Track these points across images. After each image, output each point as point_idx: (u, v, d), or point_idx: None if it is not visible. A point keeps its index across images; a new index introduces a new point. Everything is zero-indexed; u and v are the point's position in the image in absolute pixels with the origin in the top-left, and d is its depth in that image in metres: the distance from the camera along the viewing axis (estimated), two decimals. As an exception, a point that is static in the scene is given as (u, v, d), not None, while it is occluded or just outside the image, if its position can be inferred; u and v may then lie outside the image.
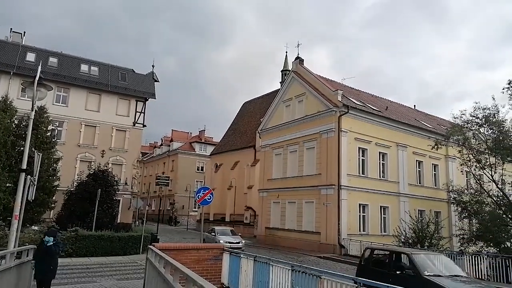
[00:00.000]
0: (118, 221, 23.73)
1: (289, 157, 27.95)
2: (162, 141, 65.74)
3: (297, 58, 29.79)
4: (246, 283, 8.55)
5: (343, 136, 23.73)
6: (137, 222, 28.78)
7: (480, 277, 15.08)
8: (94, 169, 21.11)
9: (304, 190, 25.40)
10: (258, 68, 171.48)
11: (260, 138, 32.66)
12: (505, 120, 20.26)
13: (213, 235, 20.97)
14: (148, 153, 68.56)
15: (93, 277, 11.97)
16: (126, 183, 27.32)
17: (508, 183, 21.88)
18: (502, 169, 20.48)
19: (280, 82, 42.57)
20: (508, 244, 19.05)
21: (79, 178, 21.21)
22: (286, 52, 45.64)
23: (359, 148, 24.84)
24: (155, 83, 30.67)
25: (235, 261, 9.16)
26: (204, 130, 61.03)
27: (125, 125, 28.42)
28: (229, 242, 18.16)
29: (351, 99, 26.50)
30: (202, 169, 55.00)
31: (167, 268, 5.30)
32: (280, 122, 29.53)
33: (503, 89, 19.70)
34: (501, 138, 19.99)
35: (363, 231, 23.76)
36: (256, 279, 8.15)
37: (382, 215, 25.23)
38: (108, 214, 19.71)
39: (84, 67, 28.44)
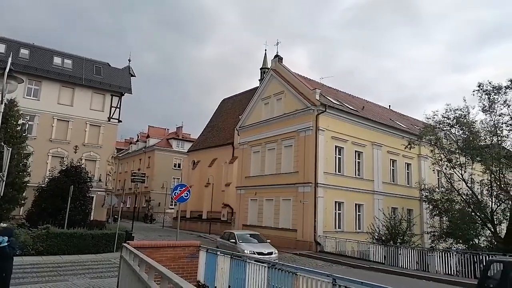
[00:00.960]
0: (92, 218, 23.27)
1: (267, 155, 28.05)
2: (138, 137, 64.58)
3: (276, 56, 29.90)
4: (223, 280, 8.54)
5: (321, 134, 24.02)
6: (109, 219, 28.18)
7: (449, 273, 15.64)
8: (66, 165, 20.59)
9: (281, 187, 25.58)
10: (237, 65, 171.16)
11: (238, 135, 32.63)
12: (475, 121, 21.05)
13: (232, 242, 16.44)
14: (123, 149, 67.23)
15: (64, 276, 11.64)
16: (100, 180, 26.69)
17: (477, 182, 22.74)
18: (471, 169, 21.26)
19: (259, 80, 42.66)
20: (477, 241, 19.83)
21: (50, 174, 20.66)
22: (266, 50, 45.76)
23: (335, 146, 25.21)
24: (131, 77, 30.08)
25: (211, 259, 9.13)
26: (182, 127, 60.40)
27: (99, 120, 27.73)
28: (259, 253, 14.36)
29: (329, 98, 26.83)
30: (179, 166, 54.42)
31: (142, 266, 5.21)
32: (258, 119, 29.58)
33: (474, 91, 20.45)
34: (471, 138, 20.72)
35: (338, 228, 24.16)
36: (233, 276, 8.15)
37: (357, 213, 25.73)
38: (81, 211, 19.27)
39: (57, 60, 27.52)
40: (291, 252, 21.13)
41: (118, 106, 28.65)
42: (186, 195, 13.35)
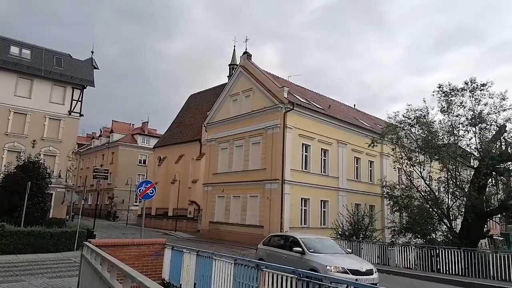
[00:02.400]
0: (51, 216, 22.38)
1: (235, 152, 28.02)
2: (101, 132, 62.43)
3: (245, 53, 29.85)
4: (188, 278, 8.45)
5: (288, 132, 24.29)
6: (67, 216, 27.05)
7: (408, 266, 16.34)
8: (23, 160, 19.60)
9: (249, 184, 25.65)
10: (206, 61, 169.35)
11: (206, 131, 32.34)
12: (433, 121, 21.97)
13: (296, 252, 10.59)
14: (85, 144, 64.82)
15: (21, 276, 11.07)
16: (59, 176, 25.58)
17: (435, 180, 23.76)
18: (430, 167, 22.19)
19: (228, 76, 42.39)
20: (434, 235, 20.79)
21: (6, 170, 19.65)
22: (235, 46, 45.48)
23: (302, 144, 25.59)
24: (94, 70, 28.95)
25: (177, 257, 9.00)
26: (148, 122, 58.95)
27: (59, 113, 26.51)
28: (354, 272, 9.35)
29: (297, 96, 27.16)
30: (144, 162, 53.21)
31: (104, 265, 5.05)
32: (226, 116, 29.46)
33: (434, 92, 21.34)
34: (429, 138, 21.61)
35: (304, 224, 24.60)
36: (199, 273, 8.09)
37: (322, 209, 26.30)
38: (39, 208, 18.48)
39: (14, 50, 25.96)
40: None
41: (80, 99, 27.51)
42: (151, 192, 13.10)
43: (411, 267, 16.22)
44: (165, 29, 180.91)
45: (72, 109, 27.01)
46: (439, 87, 20.99)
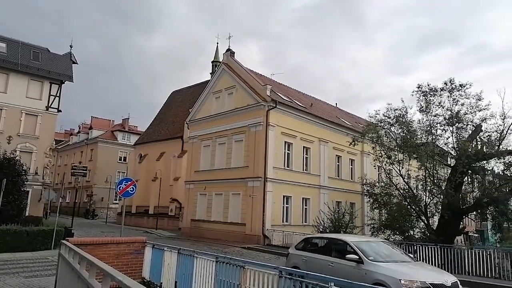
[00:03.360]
0: (27, 214, 21.74)
1: (218, 149, 27.90)
2: (80, 128, 61.02)
3: (228, 50, 29.71)
4: (169, 276, 8.38)
5: (271, 130, 24.35)
6: (42, 213, 26.32)
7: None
8: (-2, 157, 18.96)
9: (231, 182, 25.60)
10: (188, 58, 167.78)
11: (188, 129, 32.07)
12: (412, 120, 22.38)
13: (352, 260, 8.37)
14: (63, 140, 63.27)
15: (-5, 276, 10.75)
16: (36, 173, 24.87)
17: (413, 178, 24.26)
18: (408, 165, 22.63)
19: (211, 73, 42.11)
20: (412, 232, 21.23)
21: (-21, 167, 18.88)
22: (217, 43, 45.11)
23: (285, 142, 25.71)
24: (73, 65, 28.22)
25: (158, 255, 8.91)
26: (128, 119, 58.00)
27: (36, 109, 25.73)
28: (436, 286, 7.35)
29: (279, 94, 27.24)
30: (124, 160, 52.37)
31: (82, 264, 4.94)
32: (209, 113, 29.28)
33: (413, 91, 21.74)
34: (408, 137, 22.01)
35: (286, 221, 24.74)
36: (180, 271, 8.03)
37: (304, 206, 26.51)
38: (14, 206, 17.96)
39: (-12, 42, 25.07)
40: (239, 246, 21.28)
41: (58, 94, 26.76)
42: (131, 189, 12.87)
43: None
44: (146, 24, 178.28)
45: (49, 105, 26.26)
46: (418, 87, 21.39)
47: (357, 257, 8.32)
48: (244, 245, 21.39)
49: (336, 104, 42.07)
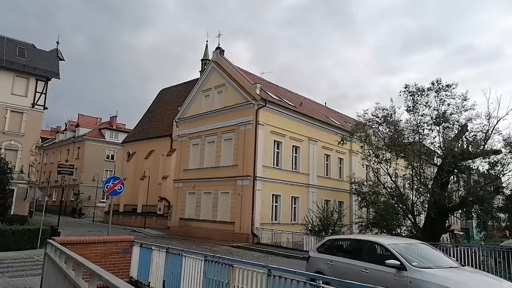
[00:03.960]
0: (12, 212, 21.44)
1: (207, 148, 27.80)
2: (66, 126, 60.11)
3: (218, 48, 29.59)
4: (157, 275, 8.33)
5: (260, 129, 24.35)
6: (28, 212, 25.87)
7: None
8: (-18, 155, 18.62)
9: (220, 181, 25.54)
10: (177, 55, 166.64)
11: (177, 127, 31.87)
12: (400, 120, 22.67)
13: (392, 266, 7.04)
14: (49, 138, 62.27)
15: (-22, 276, 10.55)
16: (22, 171, 24.44)
17: (400, 177, 24.59)
18: (396, 164, 22.89)
19: (200, 71, 41.88)
20: (399, 230, 21.51)
21: (-38, 165, 18.54)
22: (207, 41, 44.90)
23: (274, 141, 25.75)
24: (60, 61, 27.78)
25: (146, 254, 8.86)
26: (116, 116, 57.36)
27: (22, 106, 25.26)
28: None
29: (269, 93, 27.26)
30: (112, 158, 51.77)
31: (69, 263, 4.88)
32: (198, 112, 29.15)
33: (400, 91, 22.00)
34: (396, 136, 22.28)
35: (275, 220, 24.80)
36: (168, 270, 7.99)
37: (293, 205, 26.61)
38: (-1, 205, 17.68)
39: (-29, 37, 24.52)
40: (228, 244, 21.26)
41: (44, 91, 26.31)
42: (119, 188, 12.74)
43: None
44: (135, 20, 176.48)
45: (35, 102, 25.81)
46: (406, 87, 21.66)
47: (398, 262, 6.99)
48: (233, 244, 21.38)
49: (325, 103, 42.32)
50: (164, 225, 31.83)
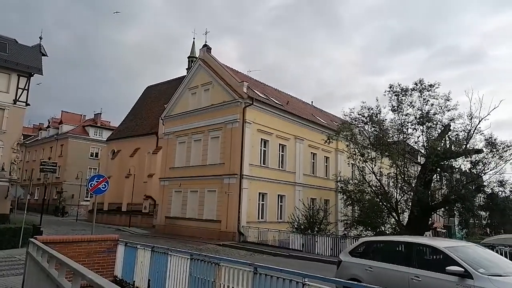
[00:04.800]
0: (-8, 212, 20.88)
1: (193, 146, 27.64)
2: (49, 123, 58.98)
3: (205, 45, 29.42)
4: (142, 274, 8.26)
5: (247, 127, 24.34)
6: (9, 211, 25.31)
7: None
8: (-40, 152, 18.08)
9: (207, 179, 25.45)
10: (164, 52, 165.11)
11: (163, 125, 31.59)
12: (385, 119, 23.02)
13: (454, 274, 5.92)
14: (32, 135, 60.95)
15: (-43, 277, 10.28)
16: (3, 169, 23.84)
17: (385, 175, 24.96)
18: (381, 163, 23.25)
19: (187, 69, 41.67)
20: (383, 228, 21.86)
21: None
22: (194, 38, 44.73)
23: (261, 139, 25.78)
24: (42, 57, 27.17)
25: (130, 253, 8.77)
26: (101, 114, 56.54)
27: (3, 102, 24.60)
28: None
29: (256, 91, 27.26)
30: (96, 156, 51.06)
31: (51, 262, 4.79)
32: (185, 109, 28.95)
33: (385, 91, 22.34)
34: (381, 135, 22.63)
35: (261, 218, 24.85)
36: (153, 269, 7.93)
37: (279, 203, 26.71)
38: (-22, 204, 17.21)
39: (-51, 30, 23.76)
40: (214, 243, 21.21)
41: (26, 87, 25.68)
42: (103, 186, 12.57)
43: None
44: (120, 16, 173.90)
45: (17, 98, 25.18)
46: (390, 87, 22.00)
47: (462, 269, 5.90)
48: (219, 242, 21.34)
49: (312, 102, 42.58)
50: (150, 224, 31.54)
